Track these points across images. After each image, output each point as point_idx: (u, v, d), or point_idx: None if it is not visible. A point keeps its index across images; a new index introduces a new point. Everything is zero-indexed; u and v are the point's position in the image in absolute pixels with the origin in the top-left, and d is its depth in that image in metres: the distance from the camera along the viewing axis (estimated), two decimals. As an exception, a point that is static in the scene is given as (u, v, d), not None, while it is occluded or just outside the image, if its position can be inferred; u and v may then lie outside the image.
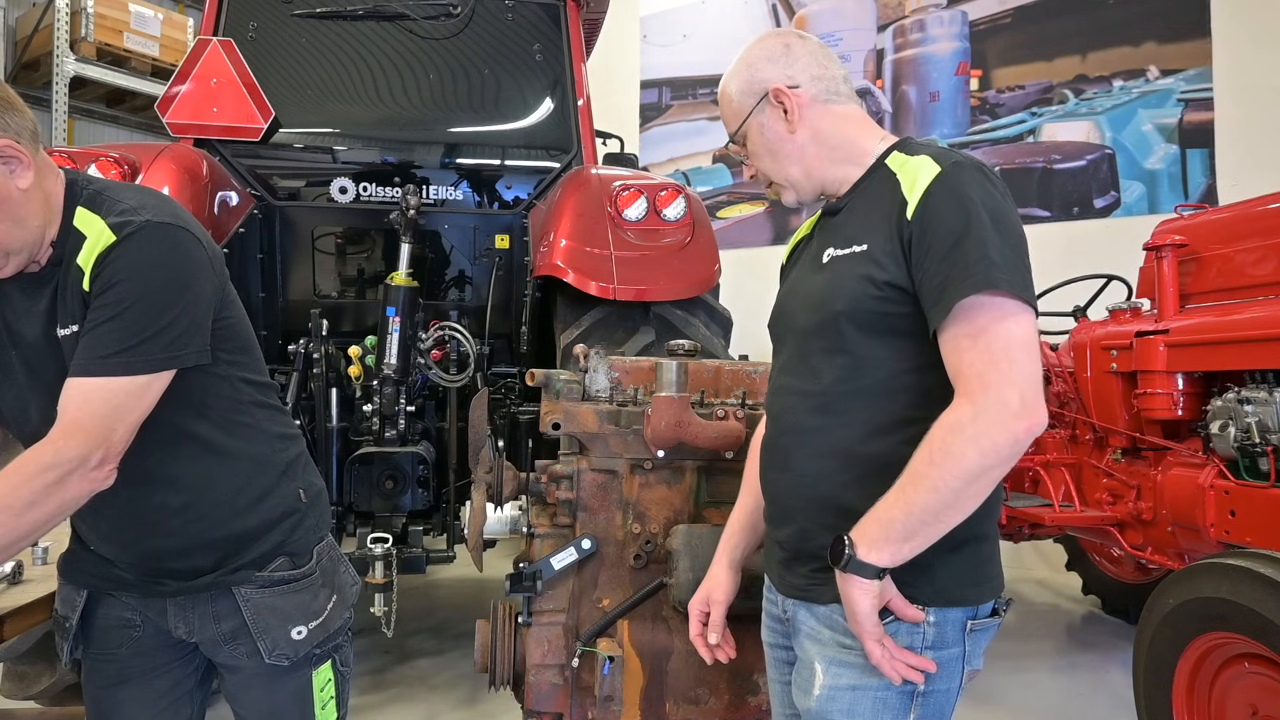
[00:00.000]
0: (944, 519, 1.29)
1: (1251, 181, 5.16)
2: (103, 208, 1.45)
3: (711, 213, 7.41)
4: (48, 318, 1.44)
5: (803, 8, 7.67)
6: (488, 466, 2.29)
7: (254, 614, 1.60)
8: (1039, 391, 1.27)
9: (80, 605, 1.63)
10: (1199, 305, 3.56)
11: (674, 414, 2.02)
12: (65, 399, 1.36)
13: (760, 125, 1.56)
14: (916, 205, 1.36)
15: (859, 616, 1.34)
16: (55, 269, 1.44)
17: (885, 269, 1.38)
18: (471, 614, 4.66)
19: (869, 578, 1.32)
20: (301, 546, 1.67)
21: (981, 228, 1.30)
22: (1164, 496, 3.50)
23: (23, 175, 1.37)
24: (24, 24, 6.53)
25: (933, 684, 1.38)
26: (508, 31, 4.40)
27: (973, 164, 1.39)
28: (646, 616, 2.11)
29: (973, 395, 1.27)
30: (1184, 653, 2.52)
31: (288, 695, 1.69)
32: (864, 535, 1.32)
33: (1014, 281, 1.29)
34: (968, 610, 1.40)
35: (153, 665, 1.67)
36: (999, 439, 1.25)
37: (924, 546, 1.31)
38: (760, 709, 2.11)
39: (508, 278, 4.18)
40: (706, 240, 3.52)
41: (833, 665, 1.42)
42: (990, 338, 1.28)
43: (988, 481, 1.28)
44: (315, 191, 4.14)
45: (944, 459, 1.27)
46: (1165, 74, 6.00)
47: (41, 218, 1.41)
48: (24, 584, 1.85)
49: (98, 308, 1.38)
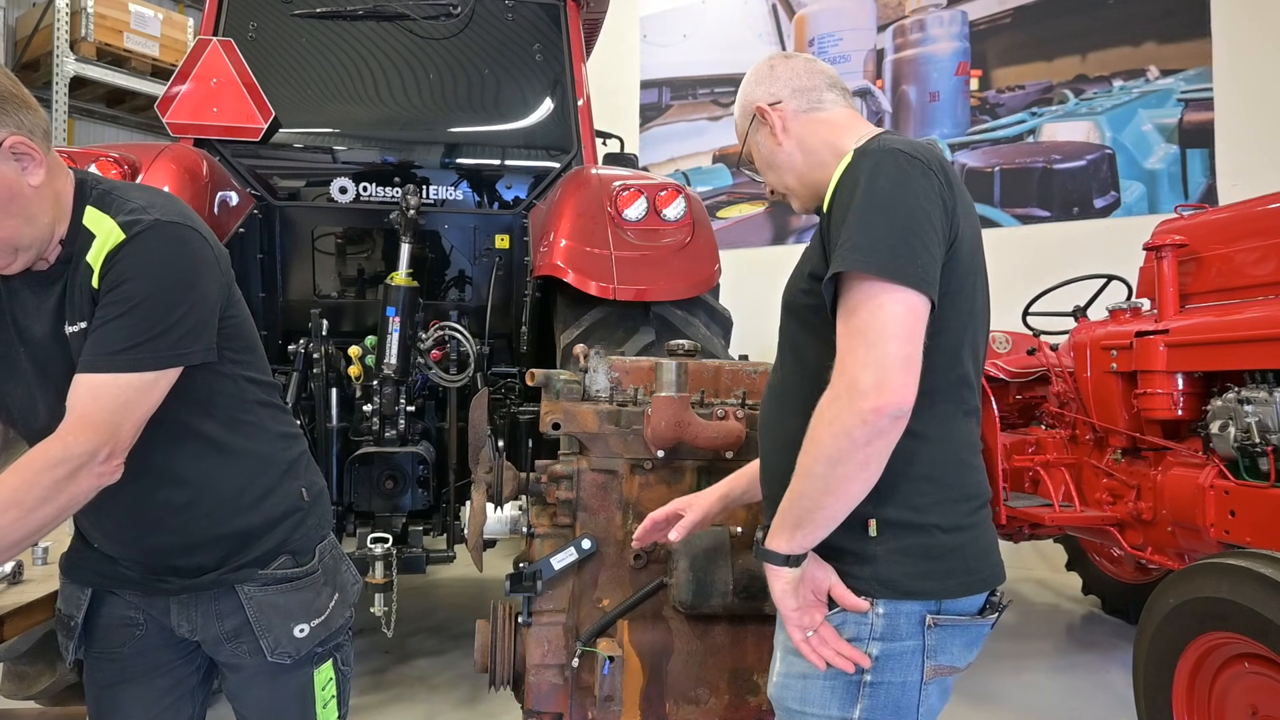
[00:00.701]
0: (824, 505, 1.32)
1: (1251, 181, 5.17)
2: (111, 207, 1.46)
3: (711, 213, 7.41)
4: (56, 315, 1.45)
5: (803, 8, 7.67)
6: (488, 466, 2.29)
7: (257, 612, 1.61)
8: (899, 370, 1.25)
9: (85, 604, 1.64)
10: (1199, 305, 3.56)
11: (674, 414, 2.02)
12: (74, 395, 1.37)
13: (756, 143, 1.68)
14: (829, 199, 1.40)
15: (775, 600, 1.40)
16: (64, 267, 1.45)
17: (811, 262, 1.45)
18: (471, 614, 4.66)
19: (777, 564, 1.38)
20: (304, 545, 1.68)
21: (854, 212, 1.32)
22: (1164, 496, 3.50)
23: (35, 172, 1.38)
24: (24, 24, 6.53)
25: (883, 675, 1.39)
26: (508, 31, 4.40)
27: (880, 149, 1.38)
28: (646, 616, 2.11)
29: (834, 379, 1.30)
30: (1184, 653, 2.52)
31: (289, 694, 1.69)
32: (771, 526, 1.40)
33: (872, 263, 1.28)
34: (927, 604, 1.38)
35: (155, 664, 1.68)
36: (848, 420, 1.26)
37: (819, 533, 1.35)
38: (760, 709, 2.11)
39: (508, 278, 4.18)
40: (706, 240, 3.52)
41: (788, 654, 1.45)
42: (857, 319, 1.29)
43: (856, 465, 1.28)
44: (315, 191, 4.14)
45: (810, 445, 1.31)
46: (1165, 74, 6.01)
47: (51, 215, 1.43)
48: (24, 584, 1.86)
49: (106, 304, 1.40)
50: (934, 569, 1.39)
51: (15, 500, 1.29)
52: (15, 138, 1.35)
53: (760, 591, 1.99)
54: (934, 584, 1.39)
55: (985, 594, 1.43)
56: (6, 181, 1.34)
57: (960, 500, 1.42)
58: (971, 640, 1.43)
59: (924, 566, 1.38)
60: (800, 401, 1.41)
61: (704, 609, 2.00)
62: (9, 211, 1.36)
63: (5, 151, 1.34)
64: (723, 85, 8.07)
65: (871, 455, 1.29)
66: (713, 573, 1.96)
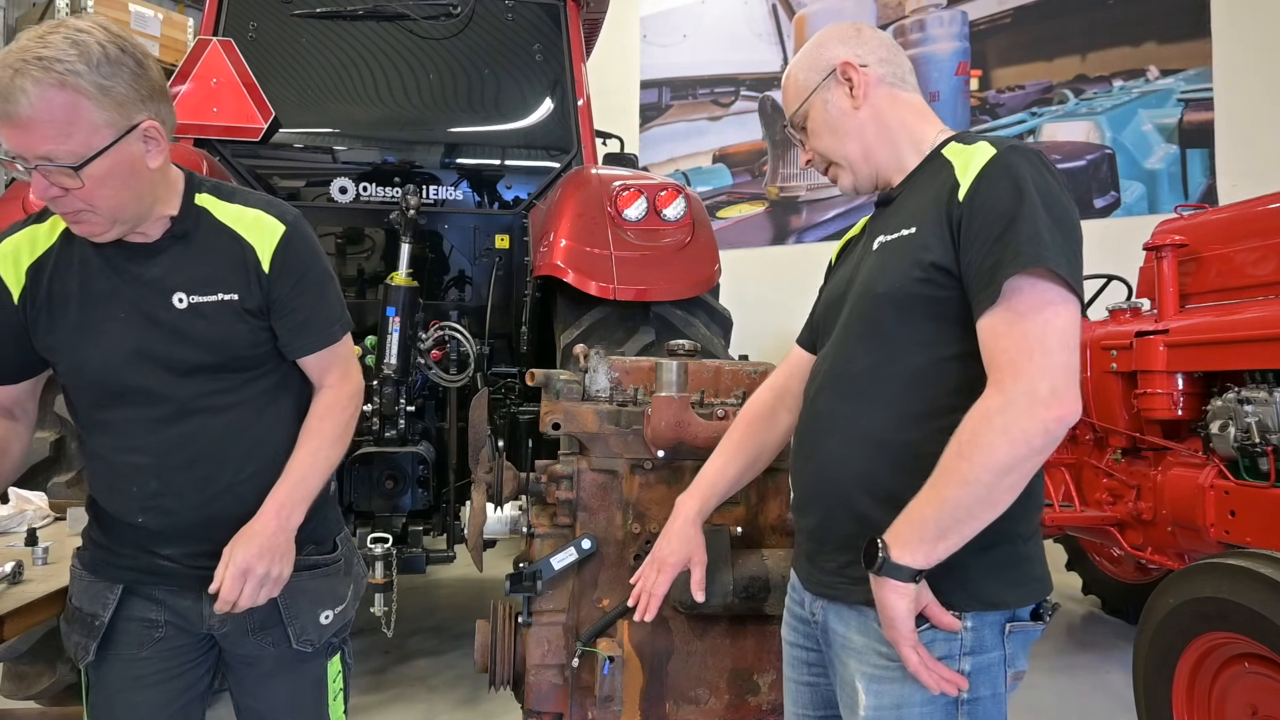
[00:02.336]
0: (978, 515, 1.25)
1: (1251, 181, 5.17)
2: (234, 197, 1.66)
3: (711, 213, 7.41)
4: (160, 284, 1.58)
5: (803, 8, 7.67)
6: (488, 466, 2.29)
7: (287, 597, 1.66)
8: (1072, 383, 1.24)
9: (114, 602, 1.64)
10: (1199, 305, 3.56)
11: (674, 414, 2.02)
12: (317, 364, 1.70)
13: (825, 101, 1.55)
14: (969, 187, 1.33)
15: (895, 622, 1.29)
16: (171, 242, 1.60)
17: (932, 250, 1.35)
18: (471, 614, 4.66)
19: (904, 580, 1.28)
20: (325, 534, 1.77)
21: (1034, 207, 1.27)
22: (1164, 496, 3.50)
23: (155, 157, 1.52)
24: (24, 24, 6.53)
25: (977, 691, 1.34)
26: (508, 31, 4.40)
27: (1030, 150, 1.36)
28: (646, 616, 2.11)
29: (1003, 384, 1.24)
30: (1184, 653, 2.52)
31: (307, 684, 1.75)
32: (897, 535, 1.29)
33: (1061, 265, 1.25)
34: (1005, 613, 1.36)
35: (169, 668, 1.68)
36: (1028, 428, 1.21)
37: (959, 544, 1.27)
38: (760, 709, 2.11)
39: (508, 278, 4.18)
40: (706, 240, 3.52)
41: (873, 684, 1.38)
42: (1028, 325, 1.24)
43: (1020, 474, 1.24)
44: (315, 191, 4.14)
45: (974, 451, 1.24)
46: (1165, 74, 6.01)
47: (155, 197, 1.56)
48: (24, 584, 1.85)
49: (305, 286, 1.66)
50: (1016, 577, 1.36)
51: (334, 437, 1.68)
52: (151, 123, 1.49)
53: (760, 591, 1.99)
54: (1016, 593, 1.36)
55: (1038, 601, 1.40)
56: (131, 158, 1.47)
57: (1034, 508, 1.39)
58: (1031, 641, 1.41)
59: (1009, 575, 1.35)
60: (894, 398, 1.38)
61: (704, 609, 2.00)
62: (125, 185, 1.48)
63: (139, 132, 1.47)
64: (723, 85, 8.07)
65: (1035, 466, 1.25)
66: (713, 573, 1.96)
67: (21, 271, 1.57)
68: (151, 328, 1.56)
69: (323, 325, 1.69)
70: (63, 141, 1.39)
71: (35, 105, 1.36)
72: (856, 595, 1.39)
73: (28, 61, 1.36)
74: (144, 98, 1.47)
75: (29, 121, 1.37)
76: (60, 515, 2.47)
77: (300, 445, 1.66)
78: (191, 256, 1.60)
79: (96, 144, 1.42)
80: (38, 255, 1.59)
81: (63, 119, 1.38)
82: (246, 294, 1.61)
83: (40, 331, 1.58)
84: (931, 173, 1.46)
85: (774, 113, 7.78)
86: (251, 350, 1.63)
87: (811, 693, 1.60)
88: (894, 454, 1.37)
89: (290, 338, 1.66)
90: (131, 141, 1.46)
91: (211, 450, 1.58)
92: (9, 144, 1.42)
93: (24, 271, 1.57)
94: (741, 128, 7.95)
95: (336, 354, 1.72)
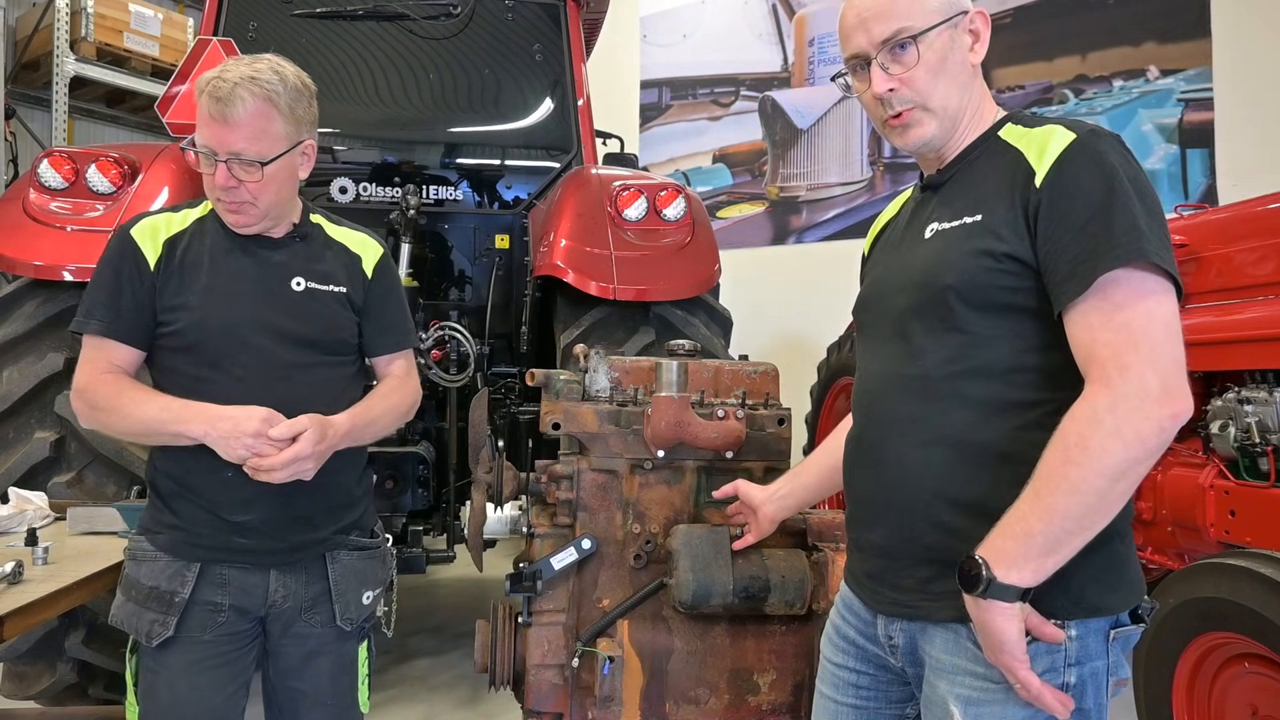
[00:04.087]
0: (1089, 524, 1.16)
1: (1251, 181, 5.16)
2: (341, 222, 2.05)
3: (711, 213, 7.41)
4: (282, 269, 1.89)
5: (803, 8, 7.67)
6: (488, 466, 2.29)
7: (339, 575, 1.89)
8: (1183, 377, 1.16)
9: (192, 579, 1.78)
10: (1199, 305, 3.55)
11: (674, 414, 2.02)
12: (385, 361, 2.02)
13: (952, 39, 1.37)
14: (1048, 172, 1.24)
15: (1007, 646, 1.18)
16: (292, 240, 1.92)
17: (1005, 240, 1.26)
18: (471, 614, 4.65)
19: (1012, 600, 1.17)
20: (368, 523, 2.01)
21: (1127, 197, 1.19)
22: (1164, 496, 3.49)
23: (305, 170, 1.90)
24: (24, 24, 6.52)
25: (1083, 702, 1.25)
26: (508, 31, 4.40)
27: (1111, 135, 1.27)
28: (646, 616, 2.11)
29: (1109, 381, 1.15)
30: (1184, 653, 2.52)
31: (344, 665, 1.94)
32: (1000, 552, 1.18)
33: (1163, 256, 1.17)
34: (1109, 618, 1.27)
35: (225, 653, 1.82)
36: (1143, 427, 1.13)
37: (1068, 558, 1.17)
38: (760, 709, 2.11)
39: (508, 278, 4.18)
40: (706, 240, 3.52)
41: (969, 706, 1.27)
42: (1128, 315, 1.16)
43: (1134, 477, 1.15)
44: (315, 191, 4.14)
45: (1083, 456, 1.14)
46: (1165, 74, 6.01)
47: (295, 203, 1.94)
48: (24, 584, 1.85)
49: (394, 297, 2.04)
50: (1118, 580, 1.28)
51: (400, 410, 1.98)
52: (311, 142, 1.89)
53: (760, 591, 1.99)
54: (1119, 596, 1.28)
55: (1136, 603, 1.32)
56: (293, 166, 1.86)
57: (1129, 508, 1.28)
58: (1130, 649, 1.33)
59: (1110, 579, 1.26)
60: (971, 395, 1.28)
61: (704, 609, 2.00)
62: (283, 187, 1.84)
63: (302, 147, 1.86)
64: (723, 85, 8.06)
65: (1149, 468, 1.16)
66: (713, 573, 1.96)
67: (159, 243, 1.84)
68: (274, 300, 1.85)
69: (402, 331, 2.05)
70: (255, 143, 1.75)
71: (247, 111, 1.73)
72: (944, 612, 1.29)
73: (244, 79, 1.73)
74: (310, 122, 1.87)
75: (237, 123, 1.73)
76: (60, 515, 2.47)
77: (371, 398, 1.93)
78: (310, 253, 1.93)
79: (278, 149, 1.79)
80: (173, 233, 1.87)
81: (261, 125, 1.75)
82: (352, 290, 1.94)
83: (170, 292, 1.81)
84: (990, 156, 1.37)
85: (774, 113, 7.78)
86: (348, 337, 1.94)
87: (858, 715, 1.51)
88: (974, 454, 1.28)
89: (376, 336, 1.99)
90: (296, 154, 1.84)
91: (301, 412, 1.74)
92: (209, 139, 1.75)
93: (160, 244, 1.84)
94: (741, 128, 7.95)
95: (404, 356, 2.05)
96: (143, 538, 1.85)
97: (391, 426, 2.00)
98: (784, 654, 2.11)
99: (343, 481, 1.90)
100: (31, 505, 2.43)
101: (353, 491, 1.96)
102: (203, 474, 1.78)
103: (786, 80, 7.73)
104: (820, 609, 2.03)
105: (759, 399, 2.25)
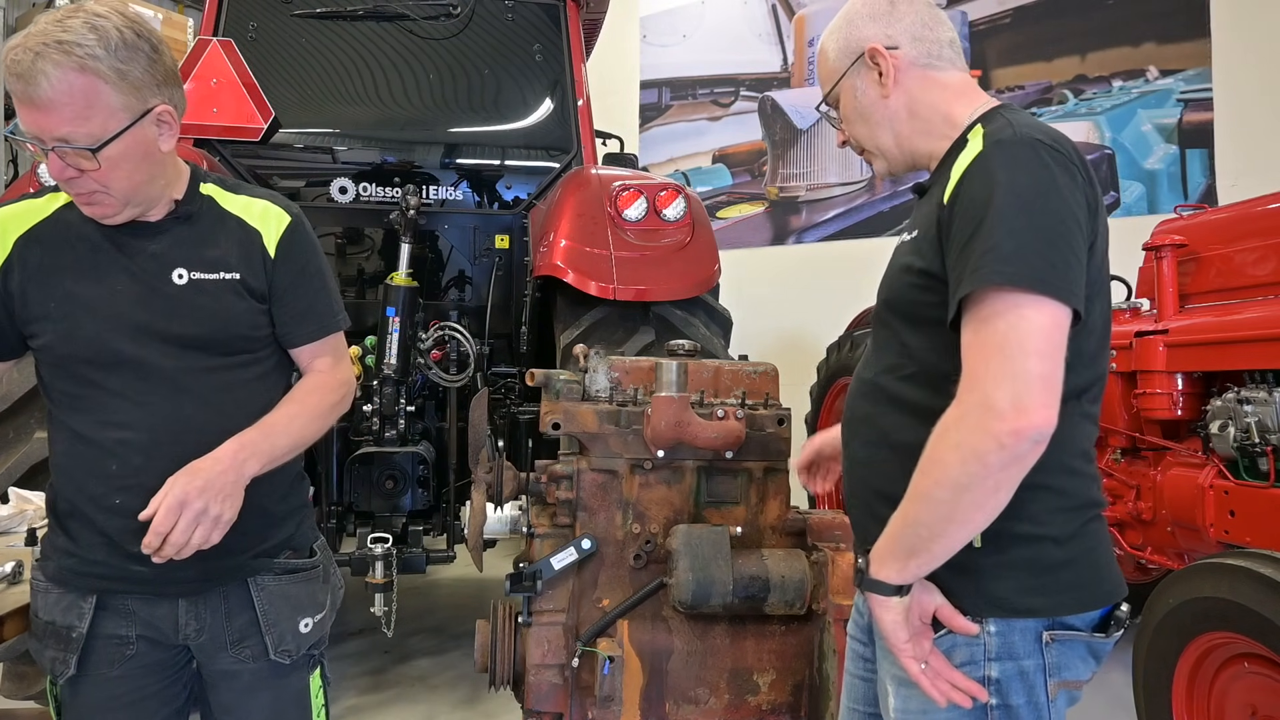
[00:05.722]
0: (945, 532, 1.20)
1: (1251, 181, 5.16)
2: (240, 189, 1.70)
3: (711, 213, 7.41)
4: (160, 259, 1.59)
5: (803, 8, 7.67)
6: (488, 466, 2.29)
7: (268, 602, 1.64)
8: (1041, 390, 1.13)
9: (89, 612, 1.58)
10: (1199, 305, 3.56)
11: (674, 414, 2.02)
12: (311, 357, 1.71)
13: (854, 88, 1.45)
14: (952, 189, 1.26)
15: (887, 634, 1.27)
16: (174, 223, 1.61)
17: (924, 257, 1.30)
18: (471, 614, 4.65)
19: (887, 595, 1.26)
20: (303, 542, 1.74)
21: (997, 214, 1.18)
22: (1164, 496, 3.50)
23: (168, 141, 1.55)
24: (24, 24, 6.52)
25: (1009, 698, 1.28)
26: (508, 31, 4.41)
27: (1019, 139, 1.24)
28: (646, 616, 2.11)
29: (961, 395, 1.18)
30: (1184, 653, 2.52)
31: (290, 699, 1.70)
32: (876, 551, 1.28)
33: (1021, 273, 1.15)
34: (1041, 621, 1.28)
35: (143, 687, 1.63)
36: (980, 444, 1.13)
37: (935, 561, 1.23)
38: (760, 709, 2.11)
39: (508, 278, 4.19)
40: (706, 240, 3.53)
41: (902, 686, 1.33)
42: (988, 332, 1.17)
43: (985, 491, 1.16)
44: (315, 191, 4.14)
45: (930, 466, 1.19)
46: (1165, 74, 6.01)
47: (167, 180, 1.59)
48: (24, 584, 1.85)
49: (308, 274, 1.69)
50: (1045, 584, 1.27)
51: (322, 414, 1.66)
52: (165, 107, 1.52)
53: (760, 591, 1.99)
54: (1045, 600, 1.27)
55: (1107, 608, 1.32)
56: (146, 141, 1.50)
57: (1072, 509, 1.29)
58: (1096, 651, 1.32)
59: (1034, 581, 1.27)
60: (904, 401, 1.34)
61: (704, 609, 2.00)
62: (139, 167, 1.51)
63: (154, 116, 1.50)
64: (723, 85, 8.06)
65: (1004, 481, 1.16)
66: (713, 573, 1.97)
67: (8, 243, 1.57)
68: (151, 299, 1.57)
69: (324, 314, 1.71)
70: (81, 124, 1.41)
71: (55, 88, 1.38)
72: None
73: (48, 45, 1.38)
74: (158, 82, 1.50)
75: (49, 103, 1.39)
76: (60, 515, 2.47)
77: (280, 406, 1.62)
78: (194, 237, 1.62)
79: (113, 127, 1.44)
80: (28, 227, 1.58)
81: (81, 102, 1.41)
82: (249, 275, 1.62)
83: (29, 302, 1.55)
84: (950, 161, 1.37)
85: (774, 113, 7.78)
86: (249, 331, 1.63)
87: (865, 688, 1.56)
88: (903, 456, 1.31)
89: (292, 324, 1.67)
90: (146, 125, 1.49)
91: (199, 430, 1.53)
92: (28, 125, 1.44)
93: (10, 243, 1.57)
94: (741, 128, 7.95)
95: (330, 344, 1.73)
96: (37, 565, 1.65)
97: (317, 431, 1.66)
98: (784, 654, 2.11)
99: (259, 500, 1.57)
100: (31, 505, 2.43)
101: (273, 510, 1.66)
102: (93, 495, 1.56)
103: (786, 80, 7.74)
104: (820, 609, 2.03)
105: (759, 399, 2.25)
